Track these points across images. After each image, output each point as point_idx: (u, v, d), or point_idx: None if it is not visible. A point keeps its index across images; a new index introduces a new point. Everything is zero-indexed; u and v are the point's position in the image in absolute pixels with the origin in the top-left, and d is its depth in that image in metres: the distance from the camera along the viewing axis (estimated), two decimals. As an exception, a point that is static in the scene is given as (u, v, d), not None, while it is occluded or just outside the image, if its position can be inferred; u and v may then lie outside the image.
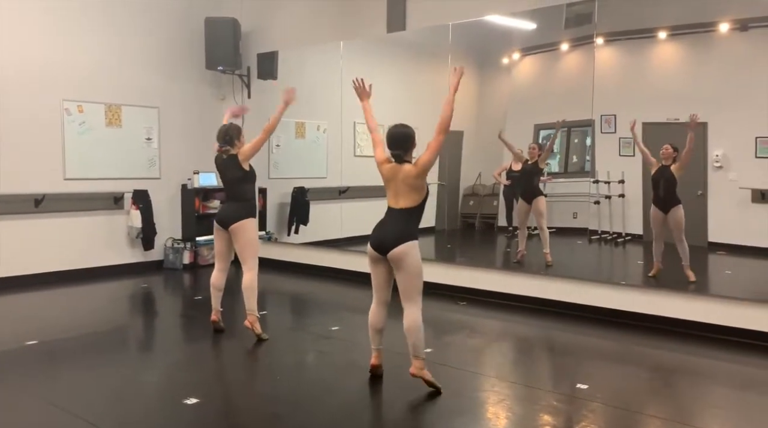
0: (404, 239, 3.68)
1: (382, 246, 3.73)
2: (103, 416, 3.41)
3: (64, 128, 6.95)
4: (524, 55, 7.06)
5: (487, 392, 3.89)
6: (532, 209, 6.39)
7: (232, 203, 4.88)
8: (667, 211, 5.50)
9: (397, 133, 3.86)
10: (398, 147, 3.80)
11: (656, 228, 5.60)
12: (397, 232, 3.70)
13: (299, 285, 7.16)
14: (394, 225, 3.75)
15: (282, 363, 4.46)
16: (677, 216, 5.45)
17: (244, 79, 8.14)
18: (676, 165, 5.48)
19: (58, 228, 6.93)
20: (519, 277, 6.12)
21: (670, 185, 5.48)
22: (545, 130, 7.02)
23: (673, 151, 5.52)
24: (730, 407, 3.74)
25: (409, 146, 3.83)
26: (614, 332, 5.16)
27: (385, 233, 3.75)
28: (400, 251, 3.67)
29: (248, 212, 4.82)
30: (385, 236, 3.73)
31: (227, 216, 4.82)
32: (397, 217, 3.77)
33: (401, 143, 3.82)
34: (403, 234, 3.70)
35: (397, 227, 3.73)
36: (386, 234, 3.74)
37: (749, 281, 5.58)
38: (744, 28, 5.48)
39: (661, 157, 5.58)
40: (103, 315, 5.81)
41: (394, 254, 3.68)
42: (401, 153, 3.79)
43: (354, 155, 7.78)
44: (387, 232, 3.74)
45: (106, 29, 7.24)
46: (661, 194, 5.52)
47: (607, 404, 3.62)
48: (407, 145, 3.83)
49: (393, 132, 3.87)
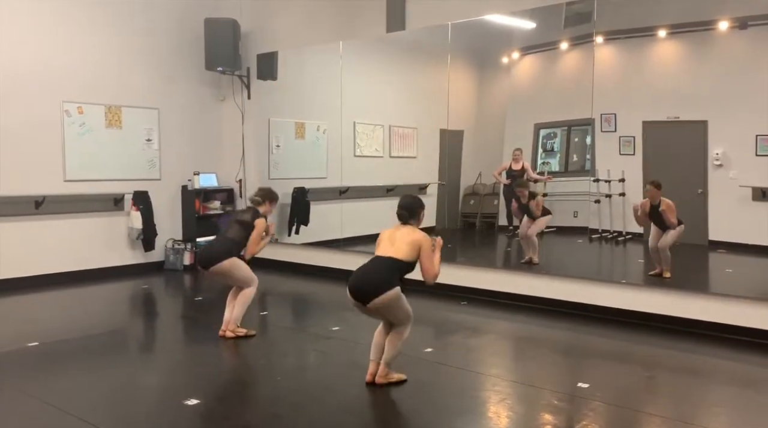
0: (385, 288, 3.60)
1: (361, 294, 3.66)
2: (103, 417, 3.41)
3: (64, 129, 6.95)
4: (524, 55, 7.05)
5: (488, 391, 3.89)
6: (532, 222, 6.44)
7: (217, 243, 4.95)
8: (664, 230, 5.55)
9: (407, 200, 3.95)
10: (405, 210, 3.88)
11: (653, 242, 5.65)
12: (378, 280, 3.63)
13: (300, 286, 7.16)
14: (376, 272, 3.68)
15: (283, 364, 4.46)
16: (668, 237, 5.51)
17: (243, 80, 8.15)
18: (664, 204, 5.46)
19: (59, 230, 6.94)
20: (520, 276, 6.12)
21: (662, 219, 5.51)
22: (545, 129, 7.02)
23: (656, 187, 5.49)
24: (731, 405, 3.74)
25: (415, 212, 3.89)
26: (615, 330, 5.15)
27: (364, 281, 3.67)
28: (378, 303, 3.62)
29: (228, 254, 4.79)
30: (365, 284, 3.66)
31: (209, 256, 4.83)
32: (380, 263, 3.72)
33: (408, 208, 3.89)
34: (383, 282, 3.62)
35: (379, 273, 3.66)
36: (366, 282, 3.66)
37: (750, 279, 5.58)
38: (743, 27, 5.48)
39: (647, 196, 5.56)
40: (103, 317, 5.81)
41: (375, 306, 3.64)
42: (406, 214, 3.86)
43: (354, 155, 7.78)
44: (367, 279, 3.67)
45: (106, 30, 7.24)
46: (657, 224, 5.58)
47: (607, 403, 3.62)
48: (414, 211, 3.89)
49: (404, 199, 3.96)
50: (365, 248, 7.34)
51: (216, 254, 4.79)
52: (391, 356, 3.82)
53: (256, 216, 4.92)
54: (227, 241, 4.88)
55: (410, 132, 7.93)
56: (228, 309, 4.95)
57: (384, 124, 7.90)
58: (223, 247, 4.83)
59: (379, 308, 3.68)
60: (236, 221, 4.99)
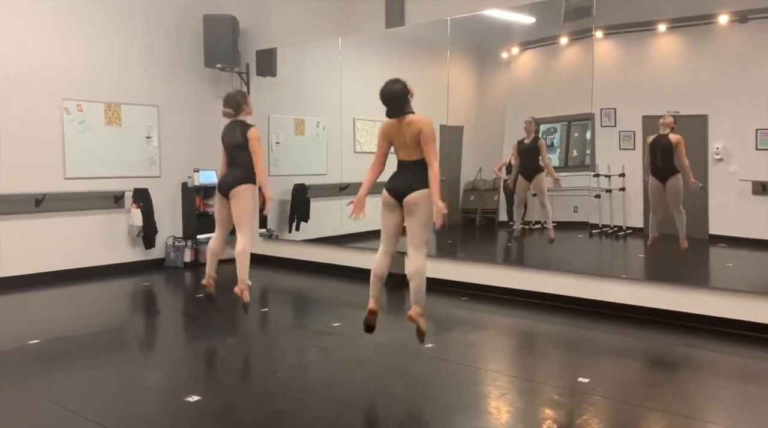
0: (419, 186, 3.84)
1: (399, 192, 3.90)
2: (104, 414, 3.42)
3: (64, 127, 6.95)
4: (523, 50, 7.04)
5: (488, 386, 3.89)
6: (533, 185, 6.40)
7: (233, 170, 4.90)
8: (665, 180, 5.46)
9: (388, 92, 3.91)
10: (393, 106, 3.89)
11: (654, 199, 5.56)
12: (413, 180, 3.86)
13: (300, 282, 7.17)
14: (409, 174, 3.90)
15: (283, 360, 4.47)
16: (675, 185, 5.41)
17: (243, 77, 8.14)
18: (674, 136, 5.37)
19: (59, 228, 6.94)
20: (520, 272, 6.13)
21: (667, 153, 5.41)
22: (545, 124, 7.00)
23: (673, 121, 5.40)
24: (732, 399, 3.74)
25: (404, 104, 3.90)
26: (615, 325, 5.16)
27: (400, 182, 3.92)
28: (415, 197, 3.83)
29: (248, 178, 4.83)
30: (402, 184, 3.90)
31: (227, 183, 4.86)
32: (410, 167, 3.91)
33: (395, 103, 3.90)
34: (418, 182, 3.84)
35: (412, 175, 3.88)
36: (402, 182, 3.90)
37: (750, 273, 5.57)
38: (743, 20, 5.46)
39: (659, 125, 5.48)
40: (104, 314, 5.82)
41: (410, 200, 3.85)
42: (397, 112, 3.89)
43: (354, 151, 7.77)
44: (402, 181, 3.91)
45: (104, 28, 7.23)
46: (659, 163, 5.48)
47: (608, 397, 3.63)
48: (402, 103, 3.90)
49: (384, 92, 3.92)
50: (366, 245, 7.35)
51: (236, 178, 4.79)
52: (417, 291, 3.91)
53: (245, 129, 4.82)
54: (240, 168, 4.83)
55: (410, 128, 7.91)
56: (210, 262, 4.98)
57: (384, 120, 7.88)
58: (239, 172, 4.81)
59: (411, 206, 3.85)
60: (232, 147, 4.87)
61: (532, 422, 3.36)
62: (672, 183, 5.44)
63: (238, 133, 4.83)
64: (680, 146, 5.39)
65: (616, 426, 3.31)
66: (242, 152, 4.83)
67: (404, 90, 3.92)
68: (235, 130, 4.87)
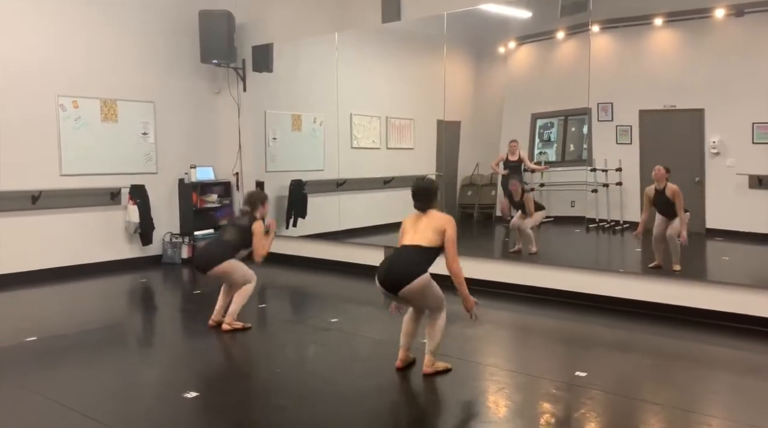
0: (413, 275, 3.60)
1: (392, 284, 3.64)
2: (103, 411, 3.42)
3: (60, 123, 6.92)
4: (520, 44, 7.04)
5: (486, 381, 3.90)
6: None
7: (216, 245, 4.94)
8: (671, 218, 5.46)
9: (419, 188, 3.87)
10: (421, 201, 3.83)
11: (658, 230, 5.54)
12: (406, 267, 3.63)
13: (298, 278, 7.17)
14: (404, 261, 3.68)
15: (282, 356, 4.47)
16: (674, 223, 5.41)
17: (239, 72, 8.12)
18: (670, 191, 5.37)
19: (56, 224, 6.92)
20: (517, 266, 6.13)
21: (669, 206, 5.41)
22: (542, 119, 7.01)
23: (666, 172, 5.40)
24: (729, 392, 3.75)
25: (431, 200, 3.84)
26: (613, 319, 5.17)
27: (392, 270, 3.66)
28: (412, 290, 3.61)
29: (222, 258, 4.80)
30: (394, 273, 3.64)
31: (201, 263, 4.86)
32: (411, 252, 3.70)
33: (423, 198, 3.83)
34: (412, 269, 3.62)
35: (408, 261, 3.65)
36: (395, 271, 3.65)
37: (747, 266, 5.60)
38: (740, 14, 5.46)
39: (654, 178, 5.46)
40: (102, 311, 5.81)
41: (407, 294, 3.64)
42: (424, 206, 3.82)
43: (351, 147, 7.77)
44: (395, 269, 3.66)
45: (100, 24, 7.20)
46: (662, 212, 5.48)
47: (606, 391, 3.64)
48: (429, 198, 3.84)
49: (416, 187, 3.88)
50: (363, 240, 7.36)
51: (213, 257, 4.80)
52: (435, 345, 3.83)
53: (253, 220, 4.91)
54: (223, 243, 4.88)
55: (407, 123, 7.92)
56: (221, 299, 4.98)
57: (381, 115, 7.89)
58: (219, 250, 4.84)
59: (411, 296, 3.68)
60: (233, 225, 5.01)
61: (530, 416, 3.37)
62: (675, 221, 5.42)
63: (246, 220, 4.93)
64: (677, 199, 5.36)
65: (613, 419, 3.32)
66: (237, 233, 4.88)
67: (433, 188, 3.89)
68: (244, 217, 4.99)
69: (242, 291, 4.89)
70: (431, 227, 3.72)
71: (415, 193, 3.84)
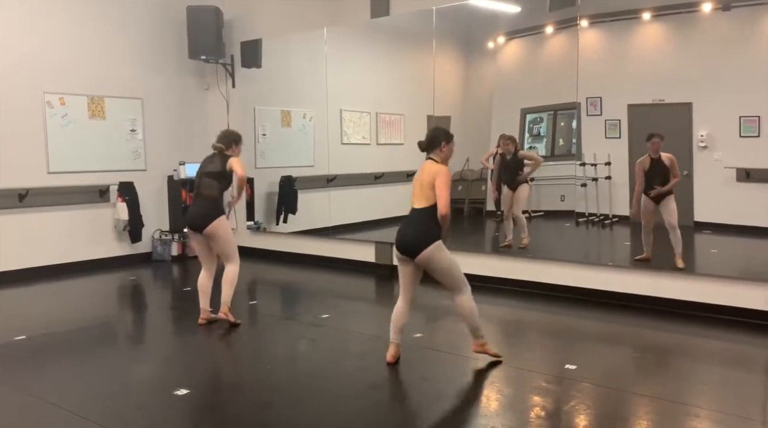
0: (426, 242, 3.73)
1: (407, 250, 3.80)
2: (92, 409, 3.40)
3: (47, 121, 6.86)
4: (509, 39, 7.04)
5: (477, 374, 3.91)
6: (514, 195, 6.43)
7: (199, 204, 4.85)
8: (659, 201, 5.46)
9: (429, 131, 4.02)
10: (423, 142, 3.92)
11: (646, 218, 5.54)
12: (418, 235, 3.76)
13: (289, 274, 7.16)
14: (415, 227, 3.80)
15: (272, 352, 4.46)
16: (671, 205, 5.40)
17: (228, 68, 8.07)
18: (666, 158, 5.35)
19: (44, 223, 6.87)
20: (507, 261, 6.15)
21: (665, 176, 5.39)
22: (531, 113, 7.02)
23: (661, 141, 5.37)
24: (717, 384, 3.79)
25: (435, 142, 3.90)
26: (602, 312, 5.20)
27: (407, 236, 3.81)
28: (427, 256, 3.74)
29: (214, 213, 4.77)
30: (408, 240, 3.79)
31: (198, 219, 4.79)
32: (416, 217, 3.83)
33: (427, 137, 3.92)
34: (425, 237, 3.74)
35: (418, 229, 3.78)
36: (408, 237, 3.80)
37: (735, 259, 5.64)
38: (726, 8, 5.49)
39: (649, 149, 5.43)
40: (91, 309, 5.78)
41: (421, 260, 3.77)
42: (424, 143, 3.90)
43: (341, 142, 7.75)
44: (408, 235, 3.80)
45: (86, 20, 7.13)
46: (657, 186, 5.46)
47: (595, 384, 3.66)
48: (433, 140, 3.90)
49: (428, 132, 4.00)
50: (354, 236, 7.35)
51: (206, 215, 4.74)
52: (475, 326, 3.94)
53: (225, 160, 4.78)
54: (208, 202, 4.78)
55: (397, 119, 7.91)
56: (203, 297, 4.94)
57: (371, 111, 7.87)
58: (206, 206, 4.76)
59: (427, 264, 3.78)
60: (206, 175, 4.82)
61: (521, 409, 3.38)
62: (667, 203, 5.41)
63: (217, 162, 4.81)
64: (674, 166, 5.37)
65: (603, 412, 3.34)
66: (213, 182, 4.79)
67: (440, 135, 3.93)
68: (214, 159, 4.85)
69: (228, 277, 4.86)
70: (427, 183, 3.79)
71: (427, 135, 3.95)
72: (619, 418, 3.26)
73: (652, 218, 5.53)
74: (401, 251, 3.84)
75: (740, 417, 3.20)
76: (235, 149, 4.90)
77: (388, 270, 6.74)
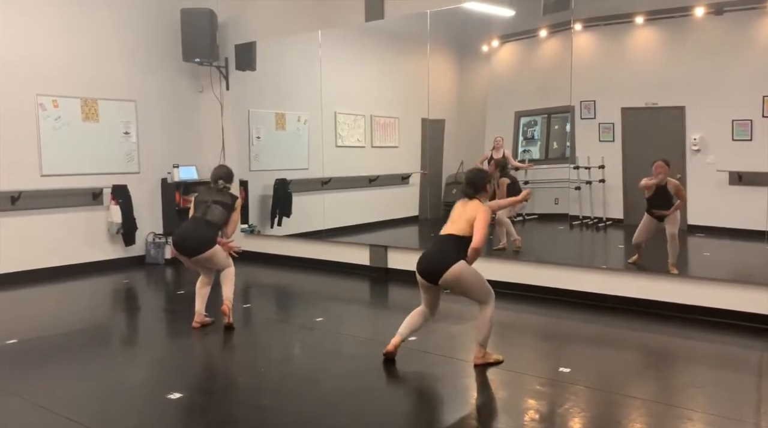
0: (449, 262, 3.74)
1: (431, 276, 3.81)
2: (85, 413, 3.38)
3: (39, 123, 6.83)
4: (503, 43, 7.06)
5: (471, 378, 3.91)
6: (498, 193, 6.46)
7: (200, 227, 4.78)
8: (661, 220, 5.46)
9: (470, 174, 4.06)
10: (469, 186, 3.97)
11: (643, 230, 5.51)
12: (443, 257, 3.79)
13: (283, 277, 7.14)
14: (440, 252, 3.85)
15: (266, 355, 4.45)
16: (674, 219, 5.37)
17: (222, 71, 8.06)
18: (672, 186, 5.34)
19: (37, 225, 6.83)
20: (501, 264, 6.15)
21: (669, 200, 5.39)
22: (525, 117, 7.04)
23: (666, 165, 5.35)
24: (710, 386, 3.80)
25: (480, 186, 3.97)
26: (595, 315, 5.21)
27: (431, 263, 3.83)
28: (451, 277, 3.75)
29: (210, 242, 4.75)
30: (432, 265, 3.81)
31: (188, 245, 4.74)
32: (444, 241, 3.88)
33: (472, 183, 3.97)
34: (448, 258, 3.76)
35: (443, 252, 3.82)
36: (433, 264, 3.81)
37: (727, 262, 5.66)
38: (719, 12, 5.53)
39: (654, 174, 5.38)
40: (84, 312, 5.75)
41: (447, 281, 3.78)
42: (471, 191, 3.95)
43: (336, 145, 7.75)
44: (433, 261, 3.82)
45: (79, 22, 7.11)
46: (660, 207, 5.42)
47: (589, 386, 3.67)
48: (478, 185, 3.97)
49: (469, 174, 4.06)
50: (348, 239, 7.35)
51: (202, 241, 4.73)
52: (483, 337, 3.93)
53: (234, 198, 4.95)
54: (211, 226, 4.80)
55: (392, 122, 7.91)
56: (199, 300, 4.93)
57: (365, 114, 7.87)
58: (207, 232, 4.77)
59: (451, 284, 3.80)
60: (216, 203, 4.86)
61: (515, 412, 3.38)
62: (670, 219, 5.40)
63: (229, 198, 4.91)
64: (680, 193, 5.37)
65: (597, 414, 3.35)
66: (221, 213, 4.83)
67: (483, 177, 4.02)
68: (225, 194, 4.91)
69: (227, 276, 4.89)
70: (465, 217, 3.86)
71: (467, 179, 4.01)
72: (612, 421, 3.27)
73: (648, 233, 5.52)
74: (425, 276, 3.84)
75: (733, 420, 3.21)
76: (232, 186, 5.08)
77: (382, 273, 6.74)
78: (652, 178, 5.41)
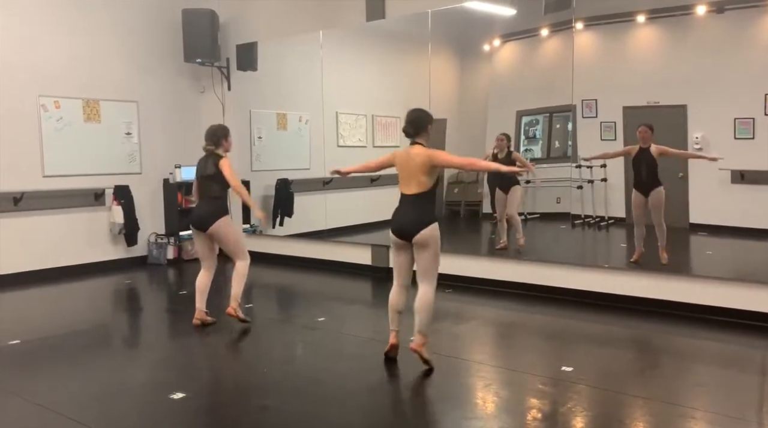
0: (425, 223, 3.81)
1: (405, 232, 3.86)
2: (88, 413, 3.38)
3: (42, 124, 6.84)
4: (505, 42, 7.06)
5: (473, 377, 3.91)
6: (507, 197, 6.44)
7: (203, 204, 4.90)
8: (647, 193, 5.50)
9: (410, 114, 4.01)
10: (409, 126, 3.95)
11: (637, 211, 5.60)
12: (417, 217, 3.83)
13: (285, 277, 7.15)
14: (412, 211, 3.87)
15: (268, 355, 4.45)
16: (658, 198, 5.45)
17: (223, 71, 8.06)
18: (656, 148, 5.44)
19: (39, 226, 6.84)
20: (504, 263, 6.15)
21: (651, 168, 5.46)
22: (527, 116, 7.04)
23: (650, 131, 5.45)
24: (713, 385, 3.79)
25: (422, 126, 3.94)
26: (598, 314, 5.20)
27: (405, 220, 3.87)
28: (425, 236, 3.81)
29: (219, 212, 4.82)
30: (408, 222, 3.85)
31: (200, 218, 4.84)
32: (412, 203, 3.88)
33: (413, 122, 3.95)
34: (423, 219, 3.82)
35: (415, 211, 3.86)
36: (408, 221, 3.85)
37: (730, 261, 5.66)
38: (720, 11, 5.52)
39: (638, 139, 5.52)
40: (86, 313, 5.75)
41: (420, 240, 3.82)
42: (411, 131, 3.93)
43: (337, 145, 7.75)
44: (408, 218, 3.86)
45: (81, 23, 7.12)
46: (643, 177, 5.51)
47: (592, 386, 3.66)
48: (420, 124, 3.94)
49: (408, 114, 4.01)
50: (350, 239, 7.35)
51: (210, 214, 4.78)
52: (423, 324, 3.87)
53: (218, 160, 4.80)
54: (211, 202, 4.84)
55: (393, 121, 7.91)
56: (199, 297, 4.93)
57: (367, 113, 7.88)
58: (212, 206, 4.81)
59: (421, 244, 3.82)
60: (204, 178, 4.85)
61: (518, 411, 3.38)
62: (654, 196, 5.44)
63: (211, 164, 4.84)
64: (666, 153, 5.40)
65: (600, 413, 3.34)
66: (213, 184, 4.83)
67: (425, 116, 3.98)
68: (208, 162, 4.87)
69: (239, 273, 4.89)
70: (421, 170, 3.84)
71: (408, 119, 3.95)
72: (615, 420, 3.26)
73: (643, 212, 5.54)
74: (399, 235, 3.88)
75: (736, 419, 3.20)
76: (226, 144, 4.93)
77: (385, 273, 6.74)
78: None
